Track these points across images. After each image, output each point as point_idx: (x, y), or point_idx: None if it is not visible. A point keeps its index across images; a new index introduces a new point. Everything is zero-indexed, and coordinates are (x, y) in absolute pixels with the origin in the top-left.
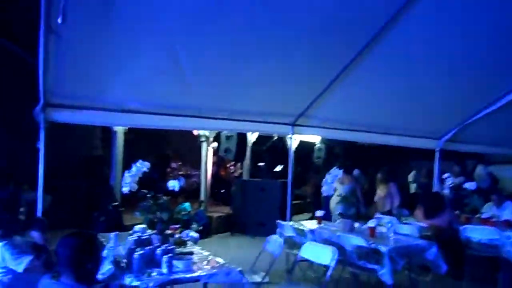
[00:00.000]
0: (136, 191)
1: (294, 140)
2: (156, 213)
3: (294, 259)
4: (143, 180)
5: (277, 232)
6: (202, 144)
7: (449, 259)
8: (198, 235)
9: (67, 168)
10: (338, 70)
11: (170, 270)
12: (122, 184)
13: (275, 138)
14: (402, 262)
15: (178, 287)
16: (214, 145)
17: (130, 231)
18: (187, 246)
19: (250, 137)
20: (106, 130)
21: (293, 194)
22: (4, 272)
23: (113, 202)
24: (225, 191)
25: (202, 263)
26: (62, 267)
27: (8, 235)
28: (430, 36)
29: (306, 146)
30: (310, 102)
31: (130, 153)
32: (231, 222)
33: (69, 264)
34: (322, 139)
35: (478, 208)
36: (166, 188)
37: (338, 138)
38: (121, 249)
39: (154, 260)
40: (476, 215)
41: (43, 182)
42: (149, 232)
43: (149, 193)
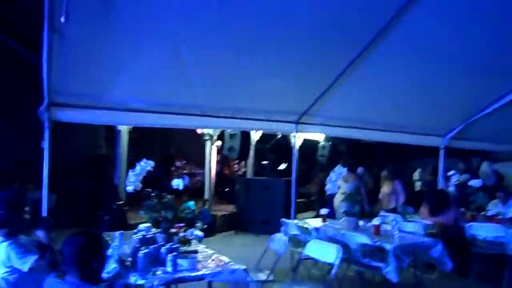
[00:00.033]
0: (140, 190)
1: (298, 138)
2: (160, 212)
3: (299, 257)
4: (148, 179)
5: (281, 230)
6: (206, 142)
7: (454, 257)
8: (202, 234)
9: (72, 167)
10: (342, 67)
11: (175, 268)
12: (126, 183)
13: (279, 136)
14: (407, 260)
15: (183, 286)
16: (218, 143)
17: (135, 230)
18: (192, 245)
19: (254, 135)
20: (110, 129)
21: (297, 192)
22: (9, 271)
23: (117, 201)
24: (229, 190)
25: (207, 262)
26: (67, 266)
27: (13, 234)
28: (435, 32)
29: (310, 144)
30: (314, 100)
31: (134, 152)
32: (236, 220)
33: (74, 263)
34: (326, 137)
35: (483, 205)
36: (171, 187)
37: (342, 136)
38: (126, 248)
39: (158, 258)
40: (481, 213)
41: (48, 182)
42: (153, 230)
43: (153, 192)
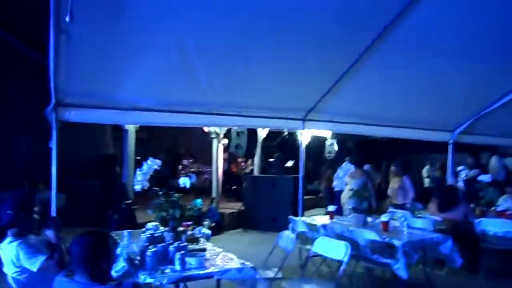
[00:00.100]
0: (148, 189)
1: (305, 135)
2: (168, 210)
3: (307, 255)
4: (155, 177)
5: (289, 227)
6: (213, 141)
7: (464, 253)
8: (210, 232)
9: (80, 167)
10: (349, 63)
11: (183, 267)
12: (134, 182)
13: (286, 133)
14: (416, 256)
15: (191, 284)
16: (225, 141)
17: (143, 229)
18: (200, 243)
19: (261, 132)
20: (117, 129)
21: (304, 189)
22: (19, 271)
23: (126, 200)
24: (236, 188)
25: (215, 260)
26: (76, 266)
27: (22, 234)
28: (443, 27)
29: (317, 141)
30: (320, 96)
31: (142, 151)
32: (243, 218)
33: (83, 262)
34: (333, 134)
35: (493, 200)
36: (178, 185)
37: (349, 132)
38: (134, 246)
39: (167, 257)
40: (491, 208)
41: (57, 181)
42: (161, 229)
43: (160, 190)
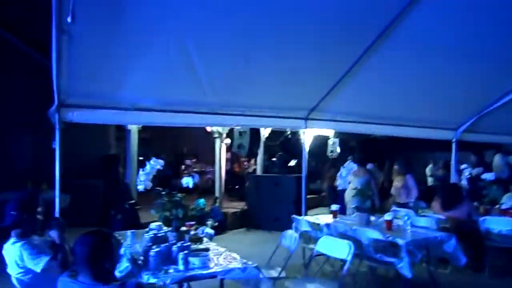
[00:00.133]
0: (151, 189)
1: (307, 134)
2: (171, 210)
3: (311, 254)
4: (158, 177)
5: (292, 227)
6: (216, 140)
7: (468, 251)
8: (213, 231)
9: (84, 167)
10: (351, 62)
11: (187, 267)
12: (137, 182)
13: (288, 133)
14: (420, 254)
15: (195, 284)
16: (227, 141)
17: (146, 229)
18: (203, 243)
19: (264, 132)
20: (120, 129)
21: (307, 188)
22: (23, 272)
23: (129, 200)
24: (239, 187)
25: (218, 259)
26: (79, 266)
27: (26, 235)
28: (446, 25)
29: (320, 140)
30: (323, 95)
31: (144, 151)
32: (246, 217)
33: (86, 262)
34: (336, 133)
35: (497, 198)
36: (181, 185)
37: (352, 131)
38: (137, 246)
39: (170, 257)
40: (495, 206)
41: (61, 182)
42: (165, 229)
43: (163, 190)
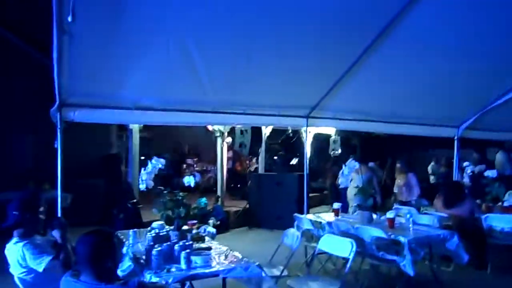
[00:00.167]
0: (152, 188)
1: (309, 132)
2: (173, 209)
3: (313, 252)
4: (160, 176)
5: (294, 225)
6: (217, 139)
7: (470, 249)
8: (215, 230)
9: (85, 166)
10: (352, 60)
11: (189, 265)
12: (139, 181)
13: (290, 131)
14: (422, 252)
15: (197, 283)
16: (229, 140)
17: (148, 228)
18: (205, 242)
19: (265, 130)
20: (122, 128)
21: (309, 186)
22: (26, 271)
23: (131, 200)
24: (241, 186)
25: (221, 258)
26: (81, 265)
27: (28, 235)
28: (447, 21)
29: (321, 138)
30: (324, 94)
31: (146, 150)
32: (248, 216)
33: (88, 262)
34: (338, 131)
35: (499, 196)
36: (183, 184)
37: (353, 129)
38: (140, 245)
39: (172, 256)
40: (497, 204)
41: (63, 181)
42: (167, 228)
43: (165, 189)
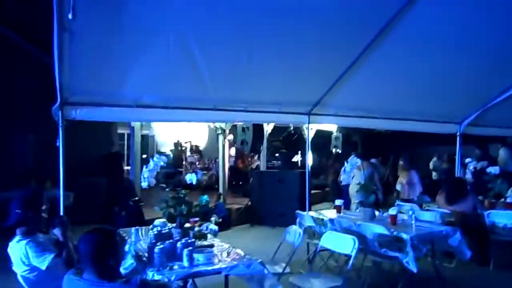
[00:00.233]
0: (154, 186)
1: (310, 129)
2: (175, 207)
3: (315, 249)
4: (162, 174)
5: (296, 222)
6: (219, 136)
7: (473, 245)
8: (217, 228)
9: (87, 164)
10: (354, 56)
11: (191, 263)
12: (141, 179)
13: (291, 128)
14: (425, 249)
15: (199, 280)
16: (230, 137)
17: (151, 226)
18: (207, 239)
19: (267, 127)
20: (123, 127)
21: (311, 183)
22: (29, 269)
23: (133, 197)
24: (243, 183)
25: (223, 256)
26: (84, 264)
27: (31, 233)
28: (449, 17)
29: (323, 135)
30: (325, 90)
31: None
32: (251, 213)
33: (90, 260)
34: (339, 128)
35: (502, 192)
36: (184, 181)
37: (355, 125)
38: (142, 243)
39: (175, 253)
40: (500, 200)
41: (65, 179)
42: (169, 226)
43: (167, 187)
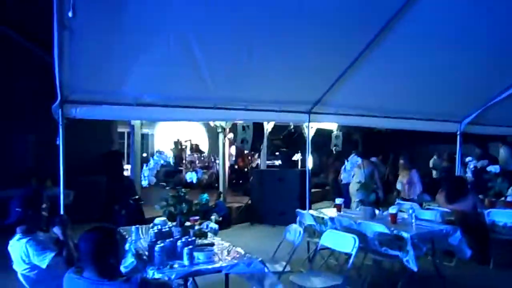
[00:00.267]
0: (154, 184)
1: (311, 128)
2: (175, 205)
3: (315, 248)
4: (162, 172)
5: (297, 221)
6: (219, 135)
7: (473, 244)
8: (217, 226)
9: (87, 163)
10: (355, 54)
11: (192, 261)
12: (141, 177)
13: (292, 127)
14: (425, 248)
15: (200, 279)
16: (230, 136)
17: (151, 224)
18: (208, 238)
19: (267, 126)
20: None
21: (311, 182)
22: (29, 268)
23: (133, 196)
24: (243, 182)
25: (223, 254)
26: (84, 262)
27: (31, 231)
28: (449, 16)
29: (324, 134)
30: (326, 89)
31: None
32: (251, 212)
33: (91, 258)
34: (339, 126)
35: (502, 191)
36: (185, 180)
37: (356, 124)
38: (142, 242)
39: (175, 252)
40: (500, 199)
41: (65, 178)
42: (169, 224)
43: (167, 185)
